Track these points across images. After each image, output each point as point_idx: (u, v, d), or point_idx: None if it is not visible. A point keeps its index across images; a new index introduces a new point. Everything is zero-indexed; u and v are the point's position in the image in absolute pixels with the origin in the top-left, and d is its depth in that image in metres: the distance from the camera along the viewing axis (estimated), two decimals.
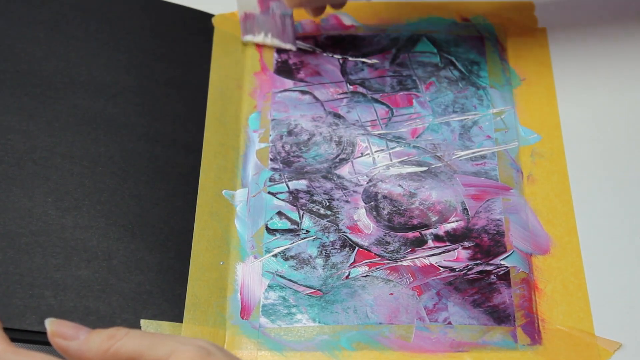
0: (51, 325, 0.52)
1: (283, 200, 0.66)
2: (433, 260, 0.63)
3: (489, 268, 0.63)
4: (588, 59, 0.73)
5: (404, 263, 0.63)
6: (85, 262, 0.61)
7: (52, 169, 0.65)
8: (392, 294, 0.62)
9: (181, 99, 0.70)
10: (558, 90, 0.72)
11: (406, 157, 0.68)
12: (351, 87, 0.72)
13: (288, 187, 0.67)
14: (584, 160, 0.68)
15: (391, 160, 0.68)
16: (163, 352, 0.49)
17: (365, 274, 0.63)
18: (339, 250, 0.64)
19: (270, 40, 0.73)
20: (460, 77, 0.72)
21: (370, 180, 0.67)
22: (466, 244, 0.64)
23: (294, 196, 0.67)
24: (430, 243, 0.64)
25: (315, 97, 0.71)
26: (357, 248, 0.64)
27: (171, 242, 0.63)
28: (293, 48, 0.73)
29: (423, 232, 0.65)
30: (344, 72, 0.73)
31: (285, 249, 0.64)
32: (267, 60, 0.74)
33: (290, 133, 0.70)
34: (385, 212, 0.66)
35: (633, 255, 0.64)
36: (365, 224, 0.65)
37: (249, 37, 0.73)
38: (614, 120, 0.70)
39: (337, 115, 0.70)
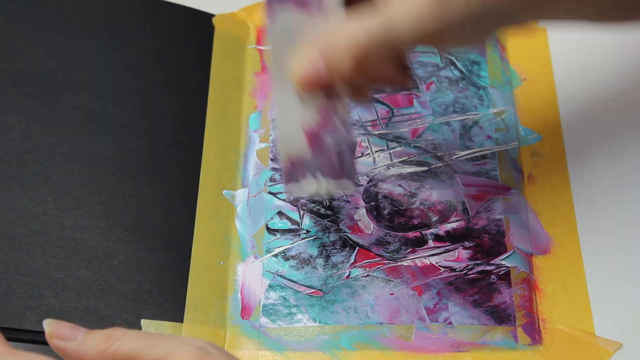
0: (49, 326, 0.52)
1: (283, 200, 0.66)
2: (433, 260, 0.63)
3: (489, 268, 0.63)
4: (588, 59, 0.73)
5: (405, 263, 0.63)
6: (85, 262, 0.61)
7: (52, 169, 0.65)
8: (392, 294, 0.62)
9: (181, 99, 0.70)
10: (558, 90, 0.72)
11: (407, 157, 0.68)
12: None
13: None
14: (584, 160, 0.68)
15: (392, 160, 0.68)
16: (161, 353, 0.49)
17: (365, 274, 0.63)
18: (340, 250, 0.64)
19: (324, 185, 0.55)
20: (460, 77, 0.72)
21: (370, 180, 0.67)
22: (467, 244, 0.64)
23: None
24: (431, 243, 0.64)
25: None
26: (357, 248, 0.64)
27: (171, 242, 0.63)
28: (353, 189, 0.56)
29: (423, 232, 0.65)
30: None
31: (285, 249, 0.64)
32: (267, 60, 0.73)
33: None
34: (386, 212, 0.66)
35: (633, 255, 0.64)
36: (365, 224, 0.65)
37: (295, 189, 0.56)
38: (614, 120, 0.70)
39: None
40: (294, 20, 0.51)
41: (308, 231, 0.65)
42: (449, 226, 0.65)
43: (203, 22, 0.74)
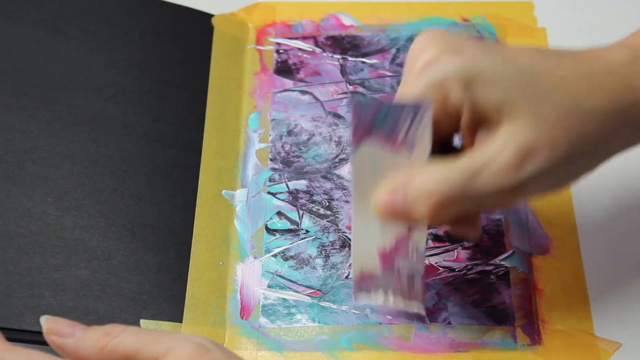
0: (47, 322, 0.52)
1: (283, 200, 0.66)
2: (433, 260, 0.63)
3: (488, 268, 0.63)
4: None
5: None
6: (85, 262, 0.61)
7: (52, 169, 0.65)
8: None
9: (181, 99, 0.70)
10: None
11: None
12: (351, 87, 0.72)
13: (288, 187, 0.67)
14: None
15: None
16: (160, 349, 0.49)
17: None
18: (339, 251, 0.64)
19: (392, 302, 0.59)
20: None
21: None
22: (466, 244, 0.64)
23: (293, 196, 0.67)
24: (430, 243, 0.64)
25: (315, 97, 0.71)
26: None
27: (171, 242, 0.63)
28: (422, 312, 0.59)
29: None
30: (343, 72, 0.73)
31: (284, 249, 0.64)
32: (267, 61, 0.74)
33: (290, 133, 0.70)
34: None
35: (633, 255, 0.64)
36: None
37: (363, 299, 0.59)
38: None
39: (337, 115, 0.70)
40: (379, 153, 0.53)
41: (307, 231, 0.65)
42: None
43: (203, 22, 0.74)
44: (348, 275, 0.63)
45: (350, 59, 0.73)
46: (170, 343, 0.49)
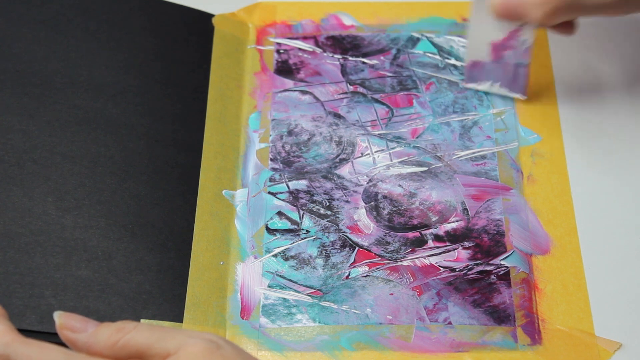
0: (60, 317, 0.52)
1: (283, 200, 0.66)
2: (433, 260, 0.63)
3: (489, 268, 0.63)
4: (588, 59, 0.73)
5: (404, 263, 0.63)
6: (85, 262, 0.61)
7: (52, 169, 0.65)
8: (392, 294, 0.62)
9: (181, 99, 0.70)
10: (558, 91, 0.72)
11: (406, 157, 0.68)
12: (351, 87, 0.72)
13: (288, 187, 0.67)
14: (584, 160, 0.68)
15: (391, 160, 0.68)
16: (172, 345, 0.49)
17: (365, 274, 0.63)
18: (339, 250, 0.64)
19: (497, 89, 0.70)
20: (460, 77, 0.72)
21: (370, 180, 0.67)
22: (466, 244, 0.64)
23: (294, 196, 0.67)
24: (431, 243, 0.64)
25: (315, 97, 0.71)
26: (357, 248, 0.64)
27: (171, 242, 0.63)
28: (523, 98, 0.70)
29: (423, 232, 0.65)
30: (344, 72, 0.73)
31: (285, 249, 0.64)
32: (267, 61, 0.74)
33: (290, 133, 0.70)
34: (386, 212, 0.66)
35: (633, 255, 0.64)
36: (365, 224, 0.65)
37: (471, 85, 0.70)
38: (614, 120, 0.70)
39: (337, 115, 0.71)
40: None
41: (308, 231, 0.65)
42: (448, 226, 0.65)
43: (203, 22, 0.74)
44: (348, 275, 0.63)
45: (350, 59, 0.74)
46: (182, 340, 0.49)
